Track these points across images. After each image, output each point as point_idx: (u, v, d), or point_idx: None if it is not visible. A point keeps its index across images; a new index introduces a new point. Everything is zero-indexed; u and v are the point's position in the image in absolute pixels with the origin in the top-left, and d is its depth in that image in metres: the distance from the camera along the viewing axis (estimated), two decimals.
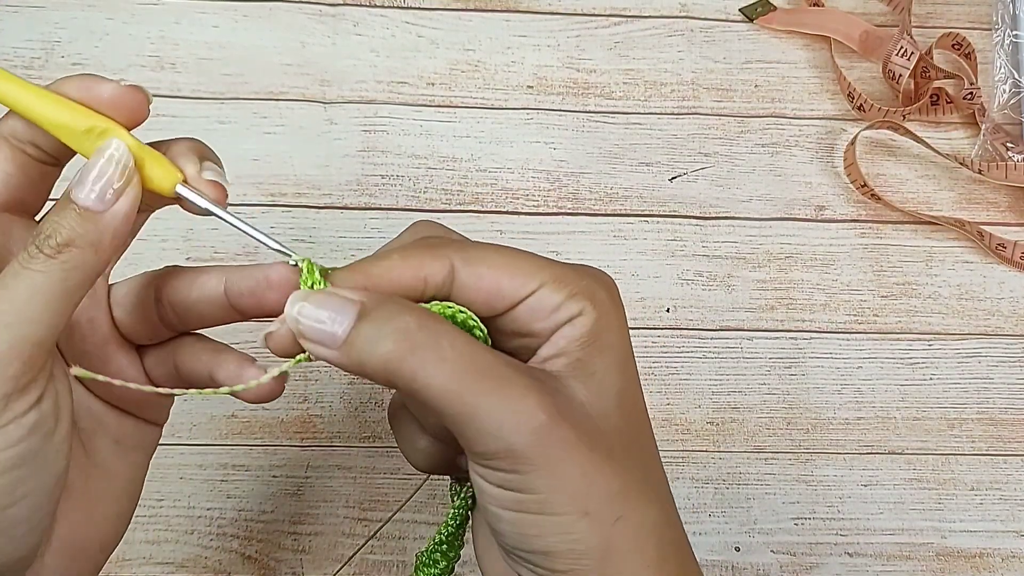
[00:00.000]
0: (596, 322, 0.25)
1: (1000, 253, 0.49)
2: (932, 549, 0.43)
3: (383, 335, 0.23)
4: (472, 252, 0.26)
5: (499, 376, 0.24)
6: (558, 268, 0.26)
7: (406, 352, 0.23)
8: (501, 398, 0.23)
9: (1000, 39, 0.54)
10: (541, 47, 0.54)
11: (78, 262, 0.24)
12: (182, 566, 0.41)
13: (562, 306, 0.25)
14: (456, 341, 0.24)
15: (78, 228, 0.24)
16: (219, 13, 0.53)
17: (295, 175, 0.49)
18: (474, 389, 0.23)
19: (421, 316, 0.24)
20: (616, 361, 0.26)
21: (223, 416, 0.44)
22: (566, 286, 0.25)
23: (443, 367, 0.23)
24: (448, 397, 0.23)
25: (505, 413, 0.23)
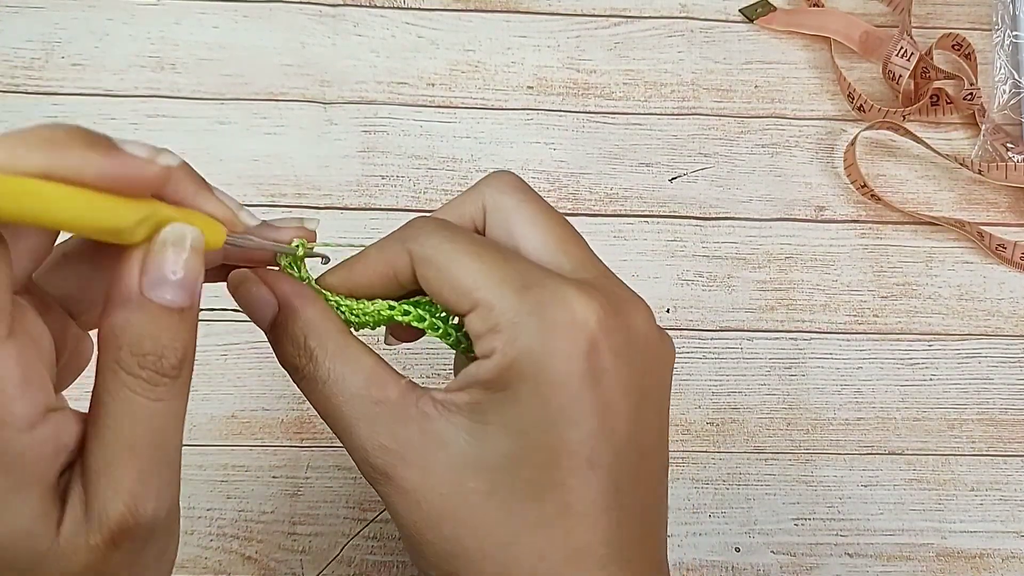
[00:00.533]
0: (502, 370, 0.23)
1: (1000, 254, 0.49)
2: (932, 550, 0.43)
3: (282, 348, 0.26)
4: (428, 252, 0.25)
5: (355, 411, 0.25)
6: (502, 291, 0.23)
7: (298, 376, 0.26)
8: (348, 435, 0.25)
9: (1000, 40, 0.54)
10: (541, 48, 0.54)
11: (192, 369, 0.22)
12: (181, 566, 0.41)
13: (482, 337, 0.24)
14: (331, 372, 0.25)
15: (185, 334, 0.21)
16: (219, 14, 0.53)
17: (295, 176, 0.49)
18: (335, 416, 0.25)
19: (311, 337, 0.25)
20: (518, 421, 0.23)
21: (223, 416, 0.44)
22: (491, 318, 0.23)
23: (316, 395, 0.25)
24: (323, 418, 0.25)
25: (350, 446, 0.25)
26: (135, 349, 0.20)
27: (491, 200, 0.27)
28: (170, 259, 0.21)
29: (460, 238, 0.25)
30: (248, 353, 0.45)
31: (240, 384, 0.44)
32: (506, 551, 0.24)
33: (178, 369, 0.21)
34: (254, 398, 0.44)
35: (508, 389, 0.23)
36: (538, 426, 0.23)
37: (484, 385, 0.24)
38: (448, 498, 0.24)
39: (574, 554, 0.23)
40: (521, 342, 0.23)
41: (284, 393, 0.44)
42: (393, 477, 0.24)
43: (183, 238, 0.21)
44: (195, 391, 0.44)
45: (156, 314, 0.21)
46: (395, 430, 0.24)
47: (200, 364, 0.44)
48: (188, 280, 0.21)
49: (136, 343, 0.20)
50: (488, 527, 0.24)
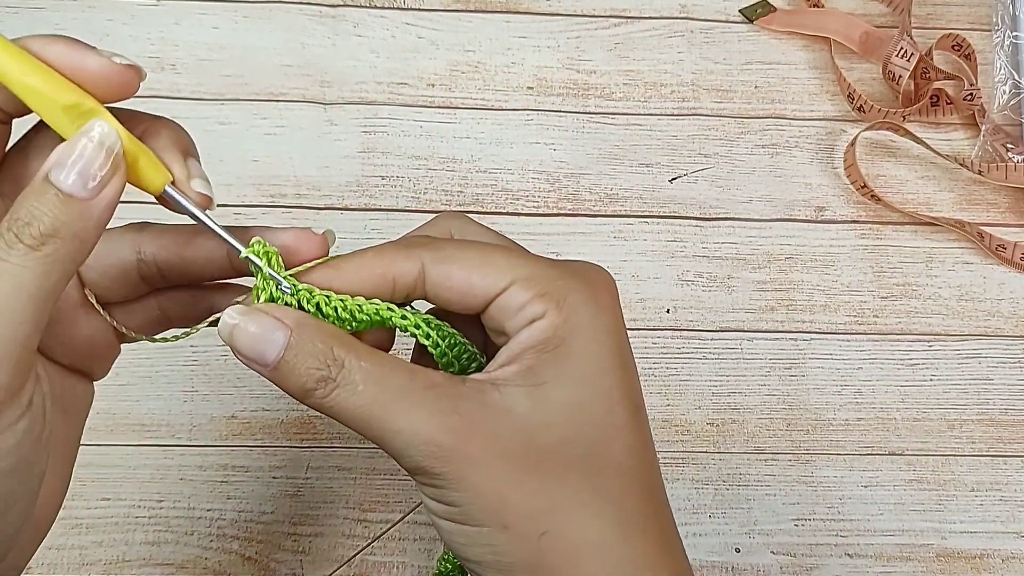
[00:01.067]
0: (557, 328, 0.25)
1: (1000, 254, 0.49)
2: (932, 550, 0.43)
3: (302, 369, 0.24)
4: (446, 251, 0.26)
5: (407, 401, 0.24)
6: (535, 266, 0.25)
7: (327, 388, 0.24)
8: (406, 423, 0.24)
9: (1000, 40, 0.54)
10: (541, 48, 0.54)
11: (62, 255, 0.22)
12: (182, 567, 0.41)
13: (526, 306, 0.25)
14: (372, 371, 0.24)
15: (61, 216, 0.22)
16: (219, 14, 0.53)
17: (295, 176, 0.49)
18: (382, 416, 0.24)
19: (340, 346, 0.25)
20: (576, 370, 0.25)
21: (223, 417, 0.44)
22: (535, 286, 0.25)
23: (356, 399, 0.24)
24: (362, 425, 0.24)
25: (409, 437, 0.24)
26: (13, 214, 0.22)
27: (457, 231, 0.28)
28: (78, 146, 0.22)
29: (469, 241, 0.26)
30: None
31: (240, 385, 0.44)
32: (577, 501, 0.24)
33: (36, 240, 0.21)
34: (254, 399, 0.44)
35: (563, 345, 0.24)
36: (597, 374, 0.25)
37: (538, 347, 0.25)
38: (517, 460, 0.24)
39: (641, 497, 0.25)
40: (571, 300, 0.25)
41: (284, 394, 0.44)
42: (461, 449, 0.24)
43: (92, 130, 0.22)
44: (195, 392, 0.44)
45: (44, 191, 0.22)
46: (455, 406, 0.24)
47: (200, 365, 0.44)
48: (87, 171, 0.22)
49: (16, 209, 0.22)
50: (558, 482, 0.24)
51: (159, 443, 0.43)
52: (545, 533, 0.24)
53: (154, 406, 0.44)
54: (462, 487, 0.24)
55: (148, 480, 0.42)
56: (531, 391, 0.24)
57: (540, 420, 0.24)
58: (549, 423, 0.24)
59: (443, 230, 0.28)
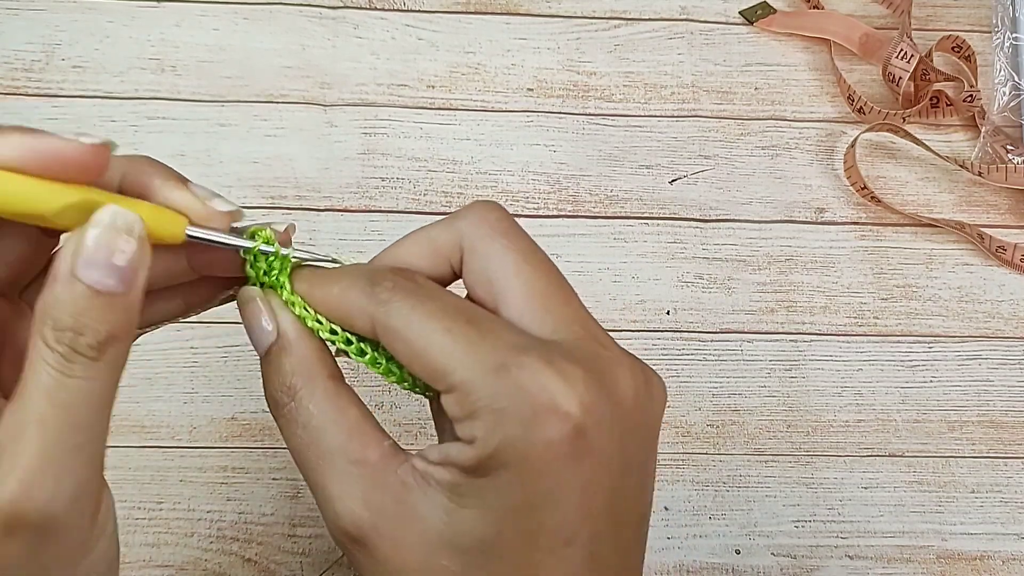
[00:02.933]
0: (482, 459, 0.22)
1: (1000, 255, 0.49)
2: (933, 552, 0.43)
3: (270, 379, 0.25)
4: (396, 320, 0.23)
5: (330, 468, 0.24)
6: (475, 368, 0.22)
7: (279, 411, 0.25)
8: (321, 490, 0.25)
9: (1000, 42, 0.54)
10: (541, 50, 0.54)
11: (122, 354, 0.21)
12: (182, 569, 0.41)
13: (459, 421, 0.22)
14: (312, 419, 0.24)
15: (111, 318, 0.21)
16: (219, 16, 0.53)
17: (295, 178, 0.49)
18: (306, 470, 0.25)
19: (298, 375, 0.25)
20: (497, 507, 0.22)
21: (223, 419, 0.44)
22: (470, 401, 0.22)
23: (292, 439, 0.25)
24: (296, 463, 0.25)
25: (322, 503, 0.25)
26: (57, 324, 0.20)
27: (470, 240, 0.25)
28: (105, 241, 0.21)
29: (429, 304, 0.23)
30: (248, 355, 0.45)
31: (240, 386, 0.44)
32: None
33: (96, 350, 0.21)
34: (254, 400, 0.44)
35: (488, 476, 0.22)
36: (517, 511, 0.22)
37: (464, 470, 0.22)
38: (422, 573, 0.23)
39: None
40: (503, 430, 0.22)
41: None
42: (366, 545, 0.23)
43: (117, 220, 0.21)
44: (195, 393, 0.44)
45: (83, 293, 0.20)
46: (370, 496, 0.23)
47: (200, 366, 0.44)
48: (123, 265, 0.21)
49: (58, 318, 0.20)
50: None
51: (159, 445, 0.43)
52: None
53: (154, 408, 0.44)
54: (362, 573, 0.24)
55: (148, 482, 0.42)
56: (451, 508, 0.23)
57: (452, 540, 0.23)
58: (460, 547, 0.23)
59: (453, 240, 0.26)
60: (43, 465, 0.20)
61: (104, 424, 0.21)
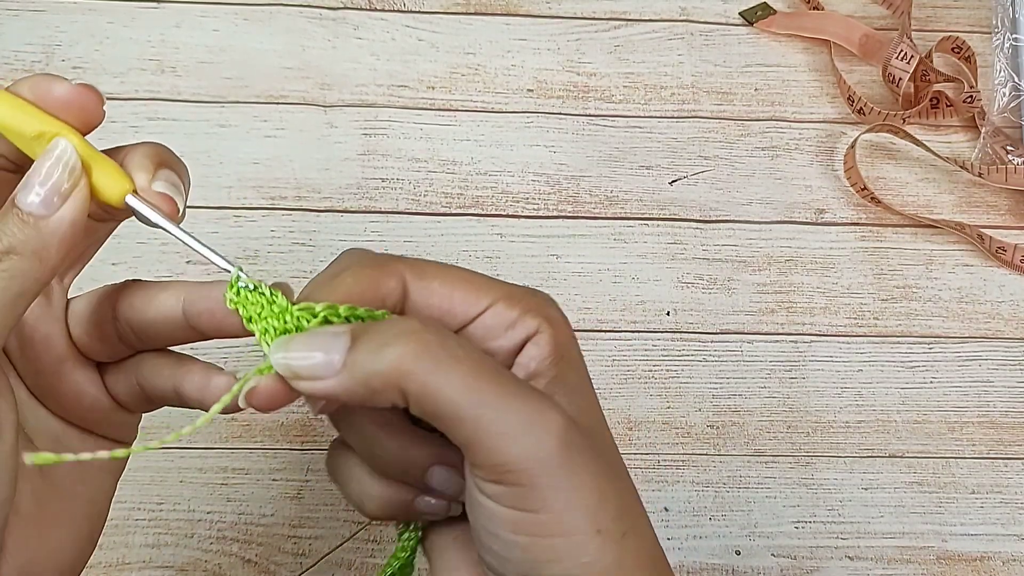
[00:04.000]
0: (557, 339, 0.24)
1: (1000, 256, 0.49)
2: (933, 552, 0.43)
3: (386, 343, 0.22)
4: (423, 267, 0.25)
5: (515, 384, 0.22)
6: (506, 287, 0.25)
7: (417, 354, 0.21)
8: (522, 403, 0.22)
9: (1000, 43, 0.54)
10: (541, 51, 0.54)
11: (19, 270, 0.22)
12: (182, 570, 0.41)
13: (517, 323, 0.24)
14: (465, 342, 0.23)
15: (19, 234, 0.23)
16: (220, 16, 0.53)
17: (295, 178, 0.49)
18: (493, 391, 0.22)
19: (424, 319, 0.23)
20: (584, 376, 0.25)
21: (223, 419, 0.44)
22: (519, 303, 0.24)
23: (458, 368, 0.22)
24: (465, 400, 0.21)
25: (525, 419, 0.22)
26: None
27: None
28: (38, 166, 0.23)
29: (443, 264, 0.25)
30: (248, 356, 0.45)
31: None
32: None
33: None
34: None
35: (566, 354, 0.24)
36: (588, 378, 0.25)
37: (552, 358, 0.24)
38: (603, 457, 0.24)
39: None
40: (552, 312, 0.25)
41: None
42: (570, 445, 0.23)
43: (52, 149, 0.23)
44: None
45: (7, 212, 0.23)
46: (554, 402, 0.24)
47: None
48: (44, 188, 0.23)
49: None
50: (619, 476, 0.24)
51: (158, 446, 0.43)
52: (625, 534, 0.23)
53: (154, 411, 0.44)
54: (568, 484, 0.22)
55: (148, 483, 0.42)
56: (568, 397, 0.24)
57: (587, 422, 0.24)
58: (593, 425, 0.24)
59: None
60: None
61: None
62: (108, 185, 0.24)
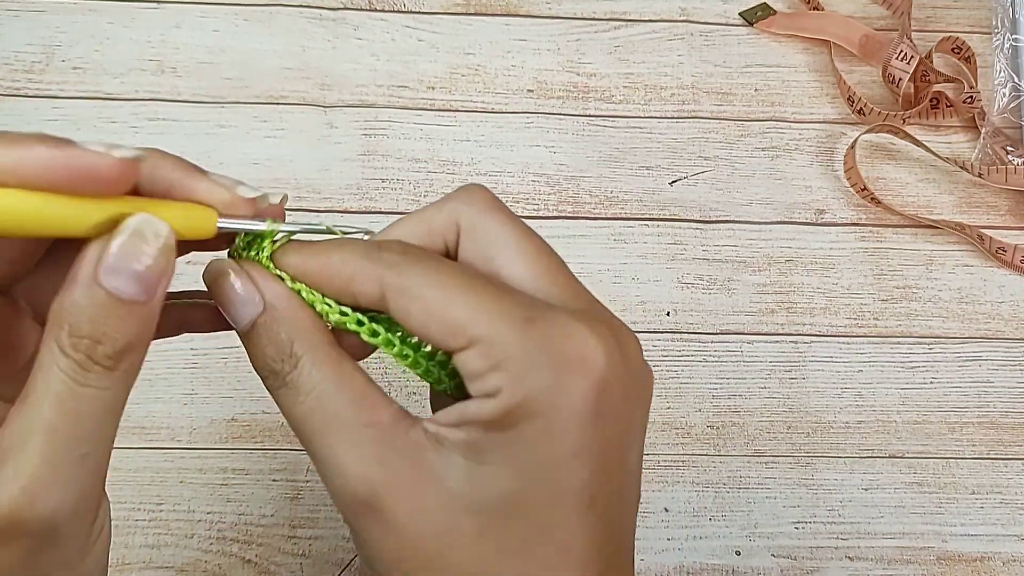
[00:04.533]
0: (508, 411, 0.21)
1: (1000, 256, 0.49)
2: (933, 553, 0.43)
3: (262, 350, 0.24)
4: (407, 282, 0.22)
5: (339, 433, 0.23)
6: (500, 323, 0.21)
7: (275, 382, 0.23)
8: (331, 456, 0.23)
9: (1000, 43, 0.54)
10: (541, 51, 0.54)
11: (137, 366, 0.21)
12: (182, 570, 0.41)
13: (480, 376, 0.22)
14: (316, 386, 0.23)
15: (131, 328, 0.20)
16: (220, 17, 0.53)
17: (295, 179, 0.49)
18: (312, 438, 0.23)
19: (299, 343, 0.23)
20: (522, 460, 0.22)
21: (223, 420, 0.44)
22: (493, 354, 0.21)
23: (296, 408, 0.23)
24: (298, 435, 0.23)
25: (331, 471, 0.23)
26: (73, 330, 0.20)
27: (467, 219, 0.24)
28: (130, 248, 0.20)
29: (444, 268, 0.23)
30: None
31: (240, 387, 0.44)
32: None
33: (113, 360, 0.20)
34: (254, 401, 0.44)
35: (512, 429, 0.21)
36: (544, 466, 0.22)
37: (485, 425, 0.22)
38: (440, 537, 0.22)
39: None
40: (531, 380, 0.21)
41: None
42: (379, 510, 0.22)
43: (144, 228, 0.20)
44: (195, 394, 0.44)
45: (103, 300, 0.20)
46: (385, 457, 0.22)
47: (200, 368, 0.44)
48: (146, 273, 0.20)
49: (76, 324, 0.20)
50: (482, 570, 0.22)
51: (159, 446, 0.43)
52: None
53: (154, 409, 0.44)
54: (371, 546, 0.23)
55: (148, 483, 0.42)
56: (470, 467, 0.22)
57: (472, 500, 0.22)
58: (481, 507, 0.22)
59: (449, 219, 0.25)
60: (48, 474, 0.20)
61: (111, 434, 0.21)
62: (196, 225, 0.22)
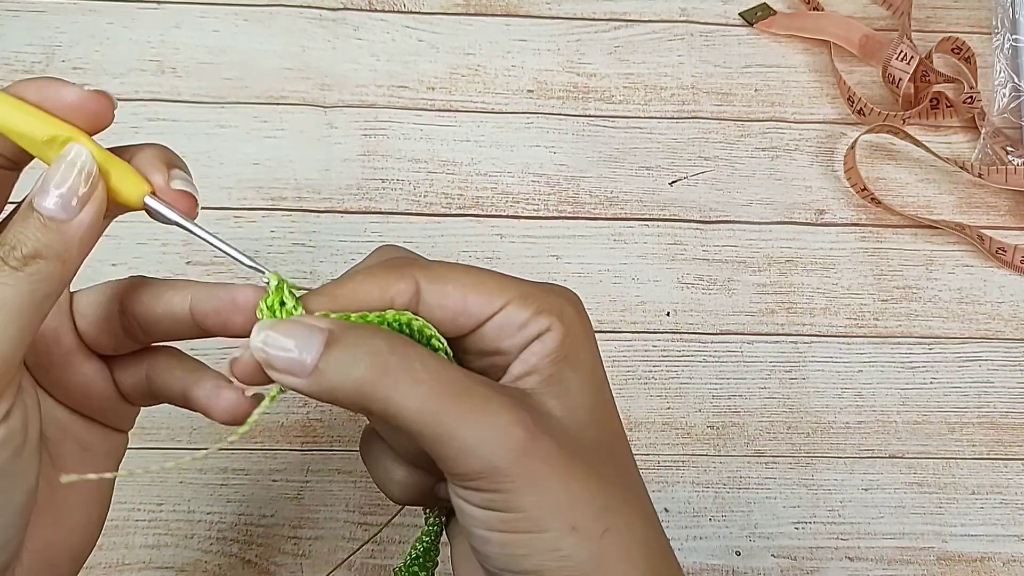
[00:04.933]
0: (565, 338, 0.25)
1: (1000, 257, 0.49)
2: (933, 553, 0.43)
3: (354, 360, 0.23)
4: (437, 270, 0.26)
5: (474, 394, 0.23)
6: (524, 285, 0.26)
7: (379, 375, 0.23)
8: (479, 416, 0.23)
9: (1000, 43, 0.54)
10: (541, 51, 0.54)
11: (45, 274, 0.23)
12: (182, 571, 0.41)
13: (529, 322, 0.25)
14: (428, 361, 0.24)
15: (43, 238, 0.23)
16: (220, 17, 0.53)
17: (295, 179, 0.49)
18: (450, 409, 0.23)
19: (392, 339, 0.24)
20: (587, 376, 0.26)
21: None
22: (533, 302, 0.25)
23: (418, 389, 0.23)
24: (424, 419, 0.23)
25: (483, 431, 0.23)
26: (3, 240, 0.23)
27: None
28: (54, 171, 0.23)
29: (461, 264, 0.26)
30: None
31: None
32: None
33: (20, 262, 0.23)
34: None
35: (571, 354, 0.25)
36: (600, 380, 0.26)
37: (554, 357, 0.25)
38: (578, 457, 0.24)
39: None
40: (568, 311, 0.26)
41: (285, 396, 0.44)
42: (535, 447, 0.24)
43: (73, 156, 0.24)
44: None
45: (28, 216, 0.23)
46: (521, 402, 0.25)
47: None
48: (65, 194, 0.23)
49: (4, 235, 0.23)
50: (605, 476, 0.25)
51: (159, 446, 0.43)
52: (607, 531, 0.24)
53: (154, 410, 0.43)
54: (534, 488, 0.23)
55: (148, 483, 0.42)
56: (560, 397, 0.25)
57: (575, 423, 0.25)
58: (582, 425, 0.25)
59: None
60: None
61: (19, 333, 0.23)
62: (126, 188, 0.25)
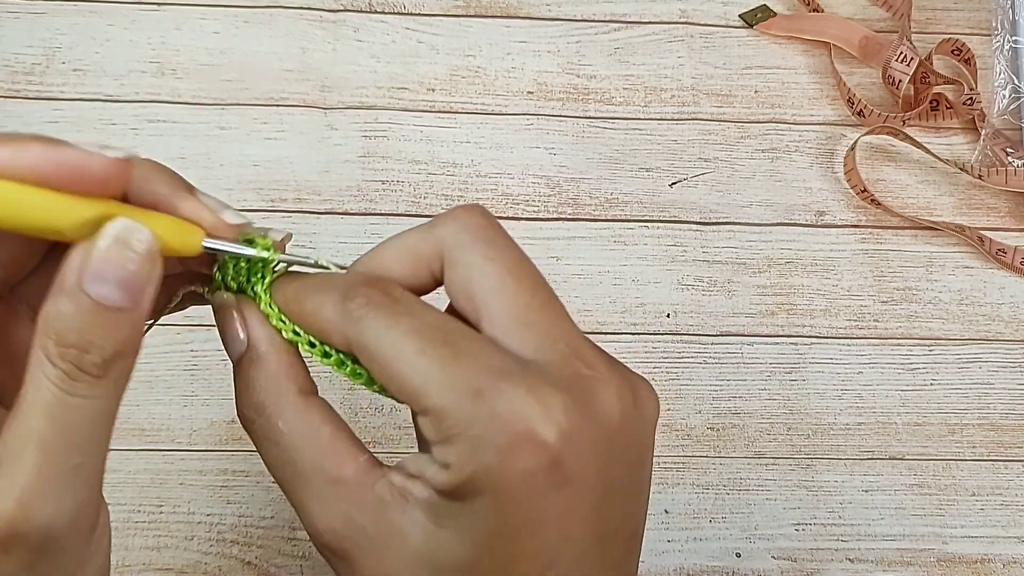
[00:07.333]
0: (457, 485, 0.21)
1: (1000, 258, 0.49)
2: (933, 555, 0.43)
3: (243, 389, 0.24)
4: (368, 339, 0.22)
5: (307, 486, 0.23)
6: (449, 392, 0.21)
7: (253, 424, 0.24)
8: (300, 508, 0.24)
9: (1000, 45, 0.54)
10: (541, 53, 0.54)
11: (127, 372, 0.21)
12: (182, 572, 0.41)
13: (433, 445, 0.22)
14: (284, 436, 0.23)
15: (118, 335, 0.20)
16: (220, 19, 0.53)
17: (295, 181, 0.49)
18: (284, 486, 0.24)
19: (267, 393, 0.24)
20: (473, 531, 0.22)
21: (223, 422, 0.44)
22: (445, 426, 0.21)
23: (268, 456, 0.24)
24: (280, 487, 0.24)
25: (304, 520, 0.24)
26: (60, 339, 0.20)
27: (450, 250, 0.24)
28: (114, 255, 0.20)
29: (404, 321, 0.22)
30: None
31: None
32: None
33: (102, 369, 0.20)
34: None
35: (464, 501, 0.21)
36: (495, 537, 0.21)
37: (442, 493, 0.22)
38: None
39: None
40: (477, 458, 0.21)
41: None
42: (347, 560, 0.23)
43: (128, 234, 0.20)
44: (195, 396, 0.44)
45: (89, 308, 0.20)
46: (349, 514, 0.23)
47: (200, 369, 0.44)
48: (130, 279, 0.20)
49: (62, 333, 0.20)
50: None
51: (159, 448, 0.43)
52: None
53: (153, 411, 0.44)
54: None
55: (148, 485, 0.42)
56: (430, 528, 0.22)
57: (429, 558, 0.22)
58: (438, 566, 0.22)
59: (434, 249, 0.24)
60: (42, 484, 0.20)
61: (105, 442, 0.21)
62: (180, 241, 0.22)
